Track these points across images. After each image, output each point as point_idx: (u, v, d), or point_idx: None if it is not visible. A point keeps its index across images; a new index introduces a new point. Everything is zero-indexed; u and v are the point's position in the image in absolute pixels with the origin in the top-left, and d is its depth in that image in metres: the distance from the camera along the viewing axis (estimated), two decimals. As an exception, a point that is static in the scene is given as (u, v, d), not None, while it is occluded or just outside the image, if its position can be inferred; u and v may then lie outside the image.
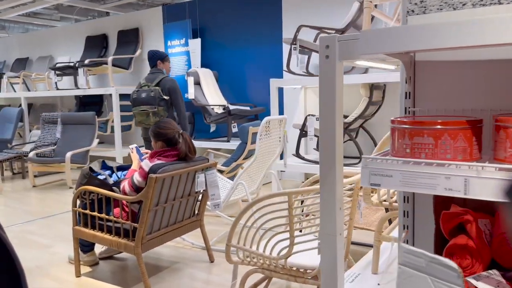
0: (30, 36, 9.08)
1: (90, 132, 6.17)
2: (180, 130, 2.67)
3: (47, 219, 4.19)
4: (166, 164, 2.51)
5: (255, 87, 6.00)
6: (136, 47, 7.07)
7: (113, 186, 2.70)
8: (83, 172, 2.71)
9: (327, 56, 1.26)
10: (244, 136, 3.97)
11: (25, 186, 5.89)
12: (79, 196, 2.72)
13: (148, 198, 2.41)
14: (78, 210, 2.72)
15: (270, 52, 5.80)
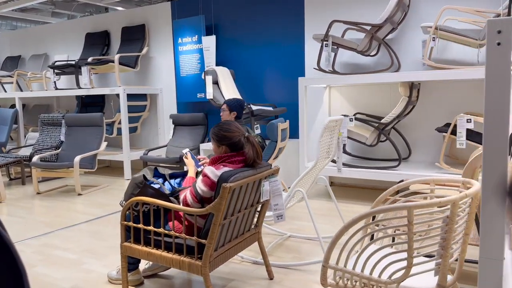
0: (22, 33, 8.59)
1: (97, 134, 5.78)
2: (246, 133, 2.37)
3: (66, 231, 3.82)
4: (237, 171, 2.21)
5: (273, 87, 5.72)
6: (143, 44, 6.70)
7: (170, 196, 2.39)
8: (135, 180, 2.38)
9: (499, 43, 1.02)
10: (273, 134, 3.69)
11: (28, 193, 5.47)
12: (129, 208, 2.39)
13: (220, 210, 2.11)
14: (129, 224, 2.39)
15: (291, 49, 5.53)
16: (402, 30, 4.80)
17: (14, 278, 0.71)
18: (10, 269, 0.70)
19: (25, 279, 0.72)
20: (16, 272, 0.71)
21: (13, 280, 0.71)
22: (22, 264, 0.72)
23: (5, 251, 0.70)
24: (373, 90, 5.03)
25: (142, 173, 2.43)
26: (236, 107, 4.07)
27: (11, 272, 0.71)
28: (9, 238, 0.70)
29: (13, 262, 0.70)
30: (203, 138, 5.95)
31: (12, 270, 0.71)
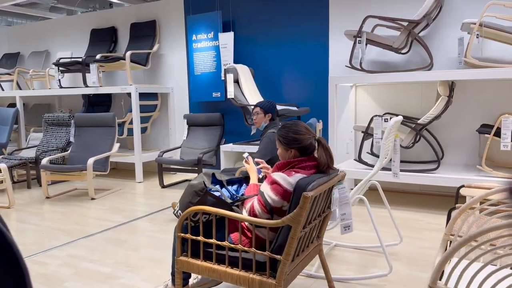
0: (21, 29, 8.22)
1: (109, 135, 5.49)
2: (316, 135, 2.13)
3: (89, 240, 3.54)
4: (313, 178, 1.97)
5: (294, 86, 5.49)
6: (153, 41, 6.42)
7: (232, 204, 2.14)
8: (193, 188, 2.13)
9: None
10: None
11: (36, 198, 5.16)
12: (186, 218, 2.14)
13: (299, 222, 1.87)
14: (187, 237, 2.14)
15: (314, 46, 5.30)
16: (434, 27, 4.61)
17: (16, 277, 0.70)
18: (12, 268, 0.70)
19: (27, 278, 0.72)
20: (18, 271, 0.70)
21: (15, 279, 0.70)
22: (24, 263, 0.71)
23: (7, 250, 0.69)
24: (402, 89, 4.84)
25: (201, 180, 2.18)
26: (270, 108, 3.85)
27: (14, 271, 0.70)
28: (11, 237, 0.70)
29: (15, 261, 0.70)
30: (220, 139, 5.70)
31: (14, 269, 0.70)
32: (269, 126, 3.85)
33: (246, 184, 2.39)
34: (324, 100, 5.29)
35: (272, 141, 3.69)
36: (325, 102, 5.29)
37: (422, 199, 4.64)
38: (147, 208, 4.52)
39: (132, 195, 5.19)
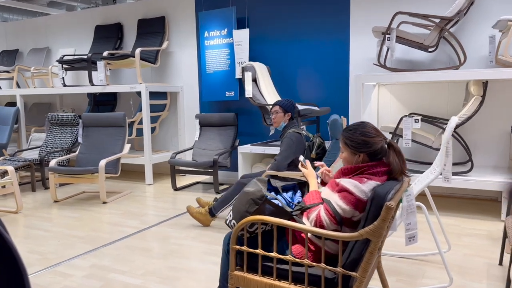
0: (19, 25, 7.93)
1: (119, 135, 5.25)
2: (386, 138, 1.95)
3: (111, 248, 3.32)
4: (391, 186, 1.79)
5: (312, 84, 5.31)
6: (162, 38, 6.19)
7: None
8: (251, 195, 1.93)
9: None
10: (336, 131, 3.30)
11: (43, 201, 4.90)
12: (242, 229, 1.94)
13: (380, 236, 1.68)
14: (244, 249, 1.94)
15: (333, 43, 5.13)
16: (461, 24, 4.46)
17: (15, 278, 0.70)
18: (11, 269, 0.70)
19: (26, 279, 0.71)
20: (17, 272, 0.70)
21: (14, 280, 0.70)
22: (23, 264, 0.71)
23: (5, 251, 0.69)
24: (427, 89, 4.68)
25: (258, 187, 1.98)
26: (289, 107, 3.68)
27: (12, 272, 0.70)
28: (9, 239, 0.70)
29: (14, 262, 0.70)
30: (234, 140, 5.50)
31: (13, 270, 0.70)
32: (289, 126, 3.68)
33: (300, 191, 2.20)
34: (344, 99, 5.11)
35: (294, 141, 3.51)
36: (344, 101, 5.11)
37: (450, 202, 4.48)
38: (164, 213, 4.30)
39: (145, 198, 4.97)
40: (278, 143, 4.99)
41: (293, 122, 3.67)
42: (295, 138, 3.49)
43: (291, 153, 3.45)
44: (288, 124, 3.66)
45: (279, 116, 3.64)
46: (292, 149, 3.47)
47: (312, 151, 3.44)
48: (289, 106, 3.65)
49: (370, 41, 4.91)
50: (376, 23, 4.86)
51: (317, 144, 3.43)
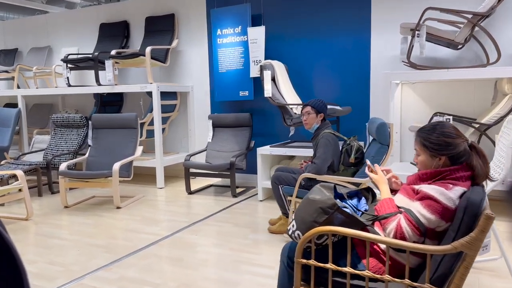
0: (18, 23, 7.65)
1: (131, 137, 5.04)
2: (469, 139, 1.78)
3: (137, 257, 3.11)
4: (480, 192, 1.62)
5: (331, 83, 5.14)
6: (172, 36, 5.98)
7: (365, 225, 1.77)
8: (319, 204, 1.75)
9: None
10: (384, 135, 3.13)
11: (53, 207, 4.67)
12: (309, 241, 1.76)
13: (477, 248, 1.51)
14: (311, 264, 1.75)
15: (353, 41, 4.96)
16: (489, 21, 4.32)
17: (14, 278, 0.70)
18: (11, 269, 0.70)
19: (25, 279, 0.71)
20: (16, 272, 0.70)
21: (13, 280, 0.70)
22: (22, 264, 0.72)
23: (5, 251, 0.69)
24: (452, 87, 4.54)
25: (324, 194, 1.80)
26: (322, 107, 3.50)
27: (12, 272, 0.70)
28: (9, 239, 0.70)
29: (14, 262, 0.70)
30: (249, 141, 5.31)
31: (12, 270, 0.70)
32: (322, 127, 3.50)
33: (365, 198, 2.02)
34: (364, 98, 4.95)
35: (331, 142, 3.33)
36: (365, 100, 4.95)
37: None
38: (183, 218, 4.10)
39: (159, 203, 4.76)
40: (299, 144, 4.81)
41: (326, 123, 3.49)
42: (332, 140, 3.31)
43: (329, 156, 3.27)
44: (321, 125, 3.48)
45: (311, 117, 3.46)
46: (330, 152, 3.29)
47: (350, 155, 3.26)
48: (322, 106, 3.48)
49: (392, 38, 4.76)
50: (398, 19, 4.71)
51: (356, 148, 3.25)
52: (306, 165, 3.46)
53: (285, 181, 3.41)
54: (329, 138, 3.33)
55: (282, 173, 3.45)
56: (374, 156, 3.15)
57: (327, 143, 3.31)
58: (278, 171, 3.61)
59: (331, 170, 3.33)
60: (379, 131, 3.11)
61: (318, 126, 3.49)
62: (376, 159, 3.14)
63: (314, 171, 3.24)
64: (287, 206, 3.47)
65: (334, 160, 3.32)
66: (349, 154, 3.28)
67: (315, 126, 3.49)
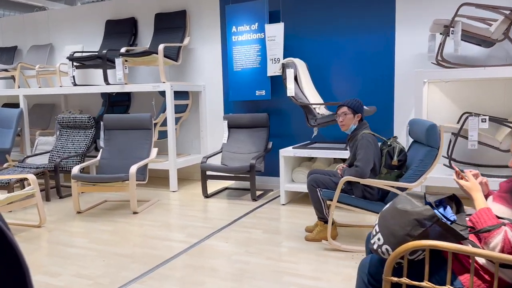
0: (17, 20, 7.36)
1: (146, 139, 4.81)
2: None
3: (169, 268, 2.90)
4: None
5: (350, 82, 4.98)
6: (184, 34, 5.76)
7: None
8: (414, 215, 1.56)
9: None
10: (434, 138, 2.96)
11: (65, 212, 4.43)
12: (402, 257, 1.58)
13: None
14: (404, 282, 1.57)
15: (376, 38, 4.80)
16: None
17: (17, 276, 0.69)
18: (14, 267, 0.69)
19: (28, 277, 0.71)
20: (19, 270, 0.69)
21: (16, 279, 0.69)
22: (25, 262, 0.70)
23: (8, 249, 0.68)
24: (481, 87, 4.40)
25: (416, 204, 1.62)
26: (359, 107, 3.32)
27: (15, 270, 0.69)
28: (12, 237, 0.69)
29: (16, 260, 0.69)
30: (267, 142, 5.12)
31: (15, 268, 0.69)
32: (360, 128, 3.32)
33: (449, 206, 1.84)
34: (388, 98, 4.80)
35: (372, 143, 3.15)
36: (389, 100, 4.80)
37: None
38: (207, 223, 3.90)
39: (176, 207, 4.55)
40: (321, 146, 4.63)
41: (363, 123, 3.31)
42: (372, 140, 3.14)
43: (371, 158, 3.10)
44: (358, 126, 3.30)
45: (348, 118, 3.28)
46: (372, 153, 3.12)
47: (393, 157, 3.08)
48: (359, 106, 3.30)
49: (419, 35, 4.61)
50: (424, 16, 4.56)
51: (398, 149, 3.08)
52: (344, 168, 3.28)
53: (324, 184, 3.22)
54: (370, 139, 3.16)
55: (320, 176, 3.26)
56: (422, 159, 2.98)
57: (368, 145, 3.13)
58: (313, 174, 3.43)
59: (373, 173, 3.16)
60: (429, 133, 2.93)
61: (356, 127, 3.31)
62: (425, 162, 2.97)
63: (357, 175, 3.06)
64: (325, 211, 3.28)
65: (376, 162, 3.15)
66: (391, 156, 3.11)
67: (352, 127, 3.31)
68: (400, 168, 3.13)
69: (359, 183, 3.13)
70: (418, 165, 3.03)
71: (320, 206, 3.27)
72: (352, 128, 3.31)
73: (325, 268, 2.83)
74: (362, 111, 3.34)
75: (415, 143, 3.33)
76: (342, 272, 2.76)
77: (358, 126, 3.31)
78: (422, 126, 3.06)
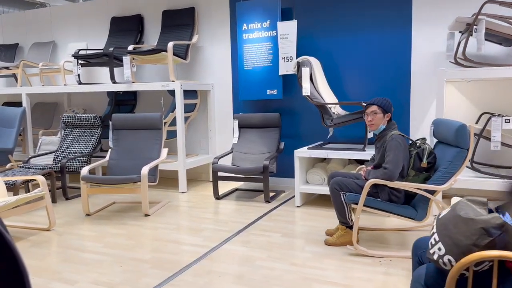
0: (18, 17, 7.19)
1: (156, 139, 4.69)
2: None
3: (191, 274, 2.78)
4: None
5: (365, 81, 4.88)
6: (192, 31, 5.64)
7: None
8: (479, 223, 1.46)
9: None
10: (464, 139, 2.86)
11: (73, 215, 4.30)
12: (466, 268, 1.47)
13: None
14: (471, 296, 1.47)
15: (391, 37, 4.71)
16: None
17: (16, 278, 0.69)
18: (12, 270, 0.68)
19: (26, 279, 0.70)
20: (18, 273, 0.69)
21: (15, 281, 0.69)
22: (24, 264, 0.70)
23: (6, 251, 0.68)
24: (500, 87, 4.32)
25: (478, 211, 1.51)
26: (389, 107, 3.22)
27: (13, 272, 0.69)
28: (10, 239, 0.68)
29: (15, 262, 0.69)
30: (279, 143, 5.01)
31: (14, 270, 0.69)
32: (389, 128, 3.21)
33: (507, 212, 1.74)
34: (404, 98, 4.70)
35: (402, 145, 3.05)
36: (405, 100, 4.70)
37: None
38: (223, 226, 3.78)
39: (188, 209, 4.42)
40: (336, 146, 4.53)
41: (392, 123, 3.21)
42: (402, 142, 3.03)
43: (401, 159, 2.99)
44: (387, 126, 3.20)
45: (378, 118, 3.17)
46: (401, 155, 3.01)
47: (422, 159, 2.98)
48: (388, 105, 3.20)
49: (435, 34, 4.52)
50: (442, 14, 4.47)
51: (428, 151, 2.98)
52: (369, 170, 3.17)
53: (348, 188, 3.12)
54: (400, 140, 3.05)
55: (344, 179, 3.15)
56: (451, 161, 2.88)
57: (398, 146, 3.03)
58: (335, 176, 3.32)
59: (400, 175, 3.05)
60: (459, 134, 2.84)
61: (385, 128, 3.21)
62: (455, 164, 2.87)
63: (385, 177, 2.96)
64: (348, 215, 3.18)
65: (404, 164, 3.05)
66: (421, 158, 3.01)
67: (381, 127, 3.21)
68: (429, 171, 3.03)
69: (385, 186, 3.03)
70: (447, 167, 2.93)
71: (343, 210, 3.16)
72: (381, 128, 3.21)
73: (354, 275, 2.72)
74: (391, 110, 3.24)
75: (440, 144, 3.24)
76: (373, 279, 2.66)
77: (387, 126, 3.21)
78: (450, 127, 2.96)
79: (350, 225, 3.21)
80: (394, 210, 3.04)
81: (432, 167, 3.02)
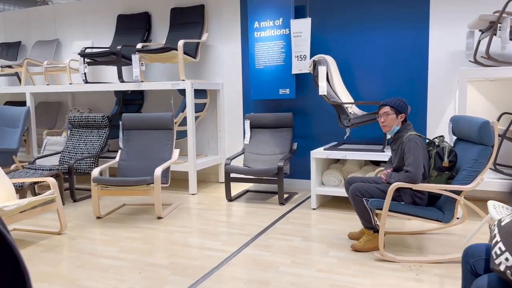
0: (20, 15, 7.04)
1: (167, 139, 4.57)
2: None
3: (214, 281, 2.67)
4: None
5: (380, 80, 4.78)
6: (202, 29, 5.52)
7: None
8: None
9: None
10: (488, 136, 2.77)
11: (83, 218, 4.17)
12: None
13: None
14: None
15: (408, 35, 4.61)
16: None
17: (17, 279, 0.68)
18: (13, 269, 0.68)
19: (27, 280, 0.69)
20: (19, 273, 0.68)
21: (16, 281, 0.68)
22: (25, 265, 0.69)
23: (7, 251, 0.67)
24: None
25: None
26: (403, 107, 3.12)
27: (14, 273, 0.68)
28: (10, 239, 0.68)
29: (16, 263, 0.68)
30: (292, 143, 4.91)
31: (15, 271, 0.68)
32: (404, 129, 3.11)
33: None
34: (421, 97, 4.61)
35: (420, 146, 2.95)
36: (422, 99, 4.61)
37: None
38: (240, 230, 3.67)
39: (201, 211, 4.31)
40: (353, 147, 4.43)
41: (407, 124, 3.11)
42: (420, 142, 2.94)
43: (420, 161, 2.89)
44: (402, 127, 3.10)
45: (391, 119, 3.07)
46: (421, 155, 2.91)
47: (443, 158, 2.89)
48: (403, 106, 3.09)
49: (453, 32, 4.43)
50: (461, 11, 4.37)
51: (448, 149, 2.89)
52: (389, 174, 3.06)
53: (369, 193, 3.01)
54: (417, 141, 2.96)
55: (364, 184, 3.05)
56: (476, 159, 2.79)
57: (416, 147, 2.93)
58: (353, 182, 3.22)
59: (422, 176, 2.96)
60: (483, 131, 2.74)
61: (399, 129, 3.11)
62: (480, 162, 2.78)
63: (408, 180, 2.86)
64: (373, 221, 3.07)
65: (425, 165, 2.95)
66: (441, 157, 2.92)
67: (395, 128, 3.10)
68: (451, 170, 2.93)
69: (408, 188, 2.93)
70: (472, 165, 2.83)
71: (368, 216, 3.06)
72: (395, 130, 3.11)
73: (386, 282, 2.62)
74: (407, 111, 3.14)
75: (461, 142, 3.15)
76: (406, 285, 2.56)
77: (402, 127, 3.11)
78: (473, 124, 2.87)
79: (377, 230, 3.11)
80: (420, 213, 2.95)
81: (453, 166, 2.93)
